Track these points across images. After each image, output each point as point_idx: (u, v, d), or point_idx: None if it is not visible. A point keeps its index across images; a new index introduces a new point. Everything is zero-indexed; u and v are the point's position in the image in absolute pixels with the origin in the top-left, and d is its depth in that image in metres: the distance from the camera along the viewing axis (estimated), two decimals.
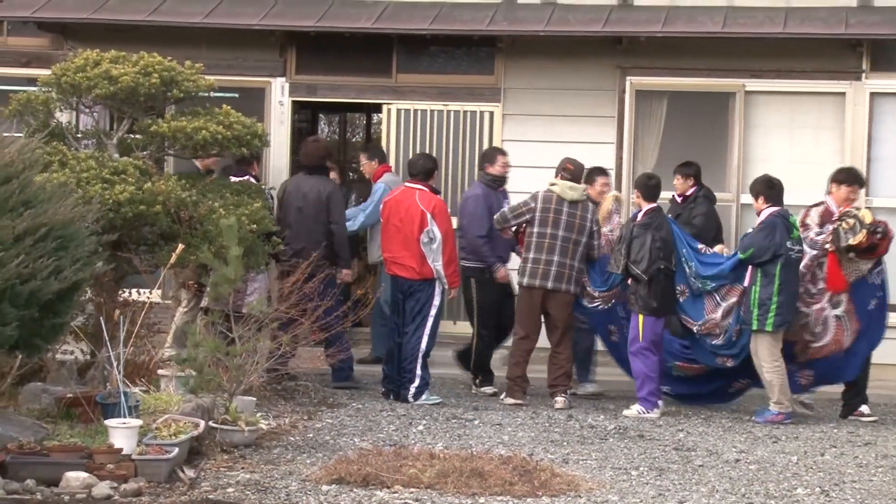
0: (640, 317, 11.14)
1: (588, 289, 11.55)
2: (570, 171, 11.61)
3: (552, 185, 11.53)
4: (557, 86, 13.69)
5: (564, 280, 11.36)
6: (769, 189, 11.19)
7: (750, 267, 11.06)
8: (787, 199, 12.12)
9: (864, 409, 11.32)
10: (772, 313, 10.90)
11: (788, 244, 10.95)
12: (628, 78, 13.61)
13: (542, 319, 11.51)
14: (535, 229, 11.40)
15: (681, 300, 11.25)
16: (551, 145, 13.32)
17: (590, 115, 13.64)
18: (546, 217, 11.39)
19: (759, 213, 11.22)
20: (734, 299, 11.14)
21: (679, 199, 12.46)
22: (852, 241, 10.93)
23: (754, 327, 10.96)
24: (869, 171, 13.12)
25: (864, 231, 10.94)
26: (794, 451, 9.71)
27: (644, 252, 11.08)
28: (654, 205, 11.38)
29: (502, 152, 12.41)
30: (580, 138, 13.50)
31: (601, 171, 12.35)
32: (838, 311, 11.13)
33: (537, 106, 13.71)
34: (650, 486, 8.41)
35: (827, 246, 11.11)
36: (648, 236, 11.11)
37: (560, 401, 11.31)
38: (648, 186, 11.42)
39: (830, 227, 11.13)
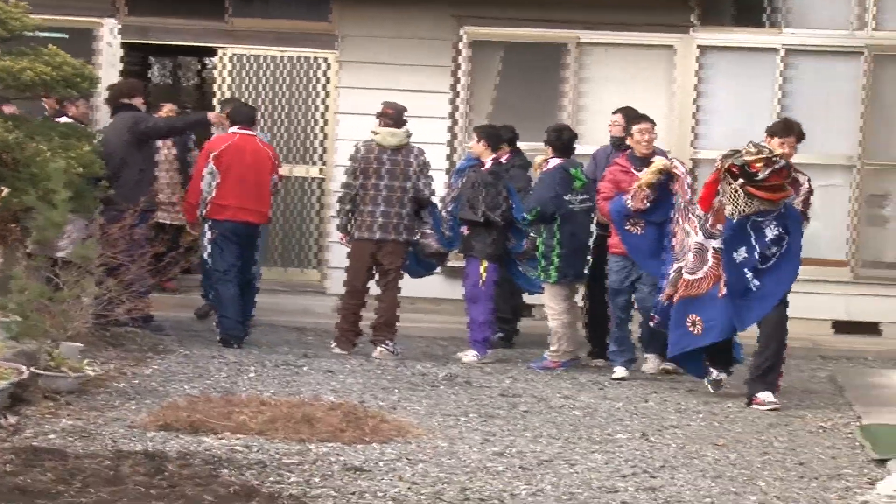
0: (484, 264, 11.25)
1: (432, 241, 11.51)
2: (391, 115, 11.48)
3: (373, 133, 11.49)
4: (394, 34, 13.65)
5: (392, 230, 11.33)
6: (556, 140, 11.27)
7: None
8: None
9: (764, 395, 9.74)
10: (554, 266, 11.05)
11: (569, 196, 11.06)
12: (464, 27, 13.64)
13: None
14: (362, 181, 11.35)
15: None
16: (387, 93, 13.22)
17: (426, 63, 13.64)
18: (369, 167, 11.33)
19: (545, 162, 11.33)
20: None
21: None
22: (748, 158, 9.64)
23: (540, 278, 11.15)
24: (697, 125, 13.39)
25: (765, 156, 9.60)
26: (617, 397, 9.91)
27: (499, 199, 11.22)
28: (496, 156, 11.46)
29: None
30: (416, 87, 13.52)
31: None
32: (716, 243, 9.89)
33: (373, 54, 13.66)
34: (478, 431, 8.51)
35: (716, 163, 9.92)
36: (501, 184, 11.25)
37: (379, 351, 11.32)
38: (497, 137, 11.51)
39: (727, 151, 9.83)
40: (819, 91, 13.39)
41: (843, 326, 13.33)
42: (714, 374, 10.19)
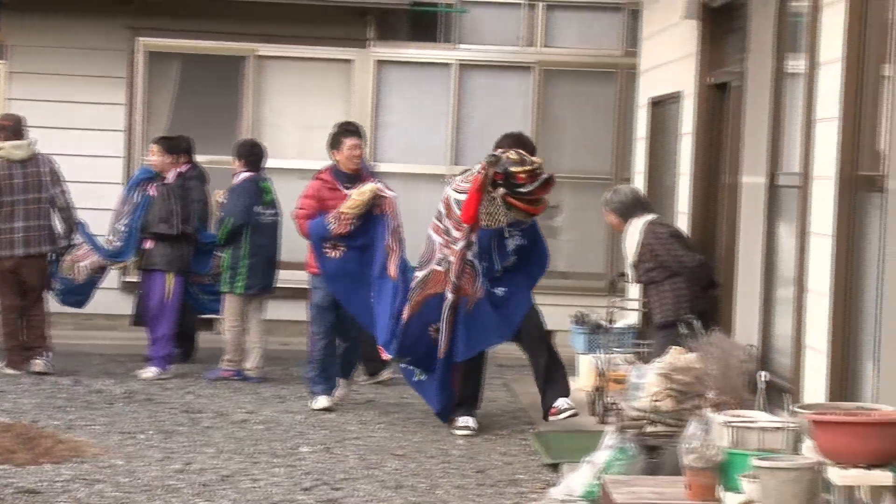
0: (172, 276, 11.13)
1: (91, 260, 11.25)
2: (9, 127, 11.14)
3: None
4: (66, 44, 13.38)
5: (34, 243, 11.02)
6: (250, 154, 11.26)
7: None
8: (299, 164, 12.40)
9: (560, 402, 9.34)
10: (241, 277, 11.02)
11: (260, 209, 11.05)
12: (139, 39, 13.43)
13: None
14: None
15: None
16: (61, 105, 13.10)
17: (100, 75, 13.43)
18: (1, 184, 10.96)
19: (234, 175, 11.30)
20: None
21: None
22: (516, 169, 9.02)
23: (225, 289, 11.10)
24: (375, 138, 13.53)
25: (531, 167, 9.12)
26: (299, 410, 9.91)
27: (191, 211, 11.18)
28: (178, 168, 11.32)
29: None
30: (91, 99, 13.33)
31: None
32: (472, 256, 9.28)
33: (45, 65, 13.35)
34: (157, 448, 8.39)
35: (476, 169, 9.19)
36: (190, 196, 11.20)
37: (38, 363, 11.01)
38: (177, 149, 11.43)
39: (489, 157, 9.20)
40: (492, 105, 13.73)
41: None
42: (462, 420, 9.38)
